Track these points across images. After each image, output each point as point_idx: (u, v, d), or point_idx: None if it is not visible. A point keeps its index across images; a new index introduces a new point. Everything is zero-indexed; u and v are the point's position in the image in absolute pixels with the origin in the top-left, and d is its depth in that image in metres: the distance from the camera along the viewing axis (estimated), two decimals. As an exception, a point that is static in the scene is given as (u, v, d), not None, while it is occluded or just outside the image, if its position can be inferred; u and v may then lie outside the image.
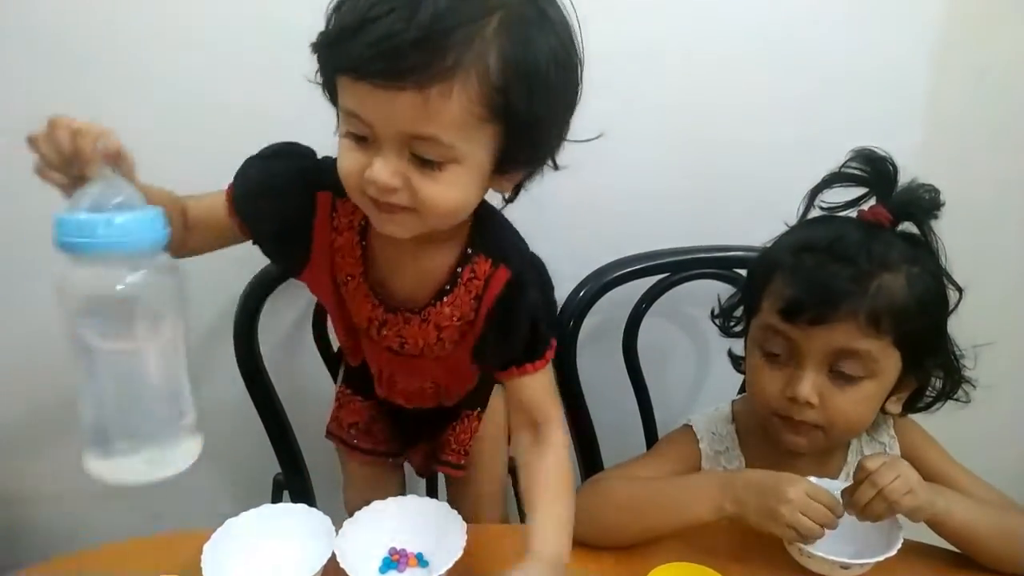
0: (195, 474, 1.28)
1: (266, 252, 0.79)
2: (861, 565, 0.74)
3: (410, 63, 0.56)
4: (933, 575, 0.80)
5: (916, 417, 0.89)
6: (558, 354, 1.07)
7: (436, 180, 0.63)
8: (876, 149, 0.80)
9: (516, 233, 0.79)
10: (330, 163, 0.69)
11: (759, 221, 1.05)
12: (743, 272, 1.08)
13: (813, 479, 0.79)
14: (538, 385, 0.79)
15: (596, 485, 0.86)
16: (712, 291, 1.10)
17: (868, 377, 0.77)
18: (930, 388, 0.84)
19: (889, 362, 0.77)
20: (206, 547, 0.76)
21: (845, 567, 0.74)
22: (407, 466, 1.09)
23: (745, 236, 1.08)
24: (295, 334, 1.18)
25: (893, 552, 0.73)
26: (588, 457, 1.16)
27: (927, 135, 1.10)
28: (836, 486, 0.81)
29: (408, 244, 0.71)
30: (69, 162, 0.55)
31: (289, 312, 1.17)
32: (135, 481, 0.53)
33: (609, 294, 1.08)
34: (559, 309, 1.07)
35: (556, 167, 0.72)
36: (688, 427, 0.93)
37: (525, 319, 0.75)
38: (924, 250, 0.79)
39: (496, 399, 1.02)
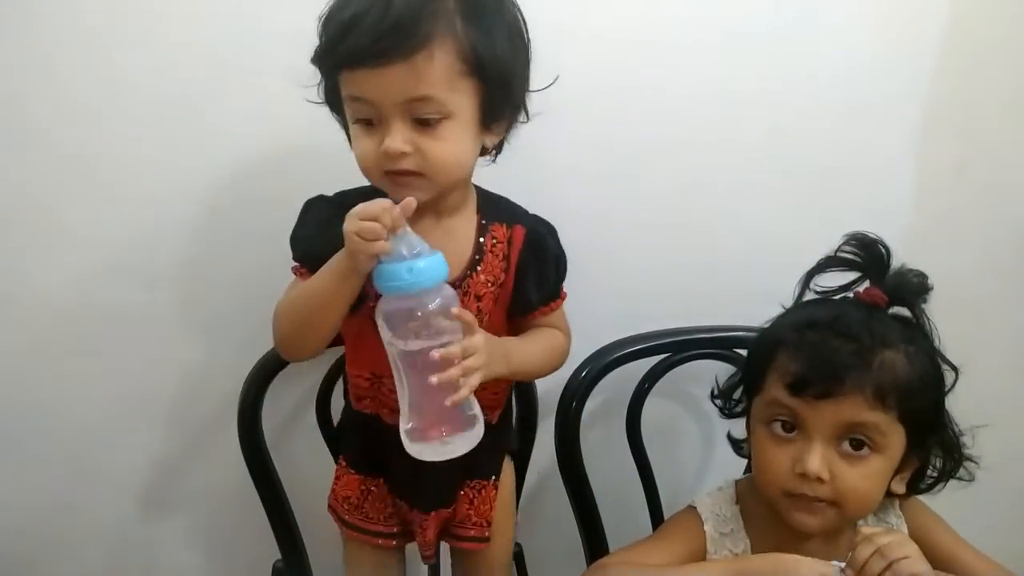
0: (194, 558, 1.28)
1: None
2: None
3: (394, 42, 0.70)
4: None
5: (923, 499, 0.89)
6: (562, 433, 1.08)
7: (437, 137, 0.75)
8: (868, 233, 0.83)
9: (516, 203, 0.92)
10: (349, 190, 0.83)
11: (756, 304, 1.08)
12: (743, 352, 1.09)
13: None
14: (559, 316, 0.93)
15: (599, 572, 0.85)
16: (713, 371, 1.11)
17: (876, 452, 0.78)
18: (931, 467, 0.84)
19: (895, 438, 0.78)
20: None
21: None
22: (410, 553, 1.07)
23: (743, 318, 1.10)
24: (298, 417, 1.18)
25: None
26: (592, 538, 1.15)
27: (914, 222, 1.13)
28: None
29: (431, 224, 0.83)
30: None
31: (291, 397, 1.17)
32: (435, 457, 0.76)
33: (611, 374, 1.08)
34: (562, 388, 1.08)
35: (528, 118, 0.86)
36: (692, 508, 0.92)
37: (551, 261, 0.89)
38: (918, 331, 0.82)
39: (507, 466, 1.02)
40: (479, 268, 0.85)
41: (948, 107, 1.10)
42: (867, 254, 0.82)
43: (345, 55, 0.73)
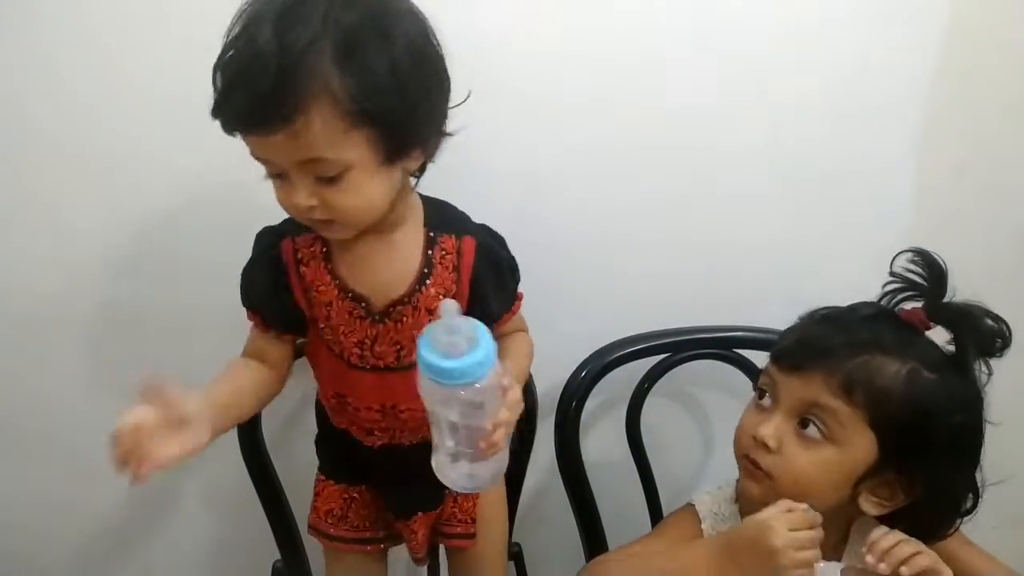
0: (194, 559, 1.28)
1: (280, 327, 0.87)
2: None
3: (270, 111, 0.66)
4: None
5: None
6: (561, 434, 1.08)
7: (340, 189, 0.72)
8: (933, 253, 0.80)
9: (455, 207, 0.89)
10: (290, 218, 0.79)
11: (756, 304, 1.09)
12: (744, 352, 1.09)
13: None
14: (518, 319, 0.93)
15: (594, 568, 0.85)
16: (713, 371, 1.12)
17: (831, 442, 0.76)
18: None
19: (857, 436, 0.76)
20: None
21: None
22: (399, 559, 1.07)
23: (743, 318, 1.10)
24: (297, 418, 1.18)
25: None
26: (592, 537, 1.15)
27: (913, 226, 1.13)
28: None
29: (373, 241, 0.81)
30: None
31: (291, 398, 1.17)
32: (462, 488, 0.78)
33: (611, 374, 1.09)
34: (562, 389, 1.09)
35: (447, 135, 0.81)
36: (691, 506, 0.92)
37: (506, 269, 0.88)
38: (951, 367, 0.77)
39: None
40: (429, 281, 0.83)
41: (948, 109, 1.10)
42: (931, 275, 0.80)
43: (230, 122, 0.70)
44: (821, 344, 0.78)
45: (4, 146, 1.04)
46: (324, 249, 0.83)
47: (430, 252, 0.83)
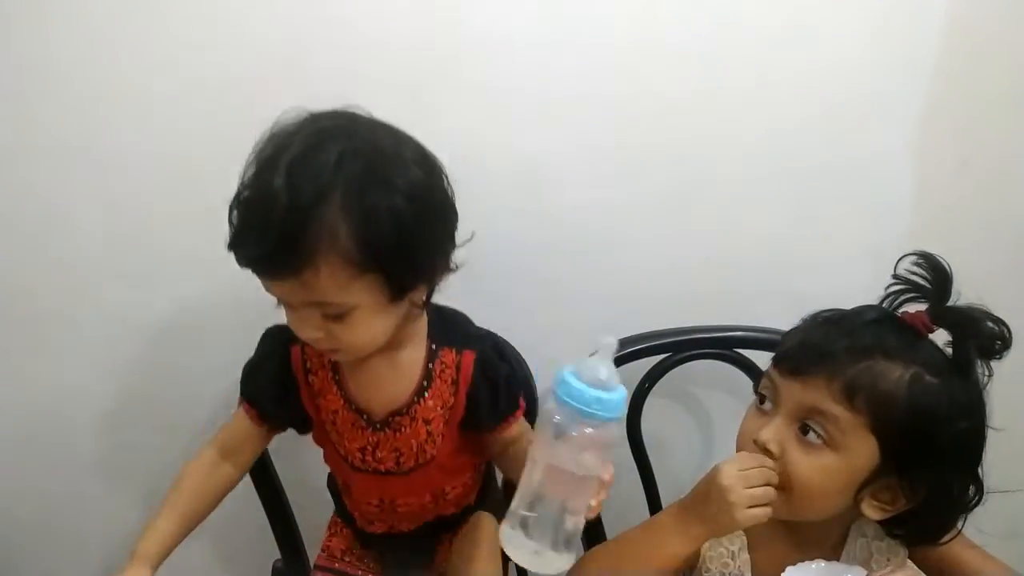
0: (194, 556, 1.28)
1: (277, 424, 0.91)
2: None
3: (280, 261, 0.70)
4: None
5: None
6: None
7: (347, 325, 0.75)
8: (937, 256, 0.80)
9: (467, 319, 0.92)
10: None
11: (756, 304, 1.08)
12: (744, 352, 1.09)
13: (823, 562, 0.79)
14: (519, 426, 0.90)
15: (584, 559, 0.85)
16: (714, 371, 1.12)
17: (832, 448, 0.76)
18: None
19: (859, 442, 0.75)
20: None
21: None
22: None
23: (744, 318, 1.10)
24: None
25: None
26: (593, 536, 1.14)
27: (913, 223, 1.13)
28: (851, 571, 0.81)
29: (379, 360, 0.83)
30: None
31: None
32: (520, 559, 0.71)
33: (611, 374, 1.09)
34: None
35: (454, 269, 0.83)
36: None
37: (502, 383, 0.87)
38: (959, 374, 0.77)
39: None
40: (427, 394, 0.86)
41: (949, 105, 1.10)
42: (935, 278, 0.79)
43: (243, 262, 0.73)
44: (823, 348, 0.77)
45: (5, 145, 1.04)
46: (331, 360, 0.87)
47: (431, 365, 0.86)
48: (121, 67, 1.02)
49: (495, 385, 0.87)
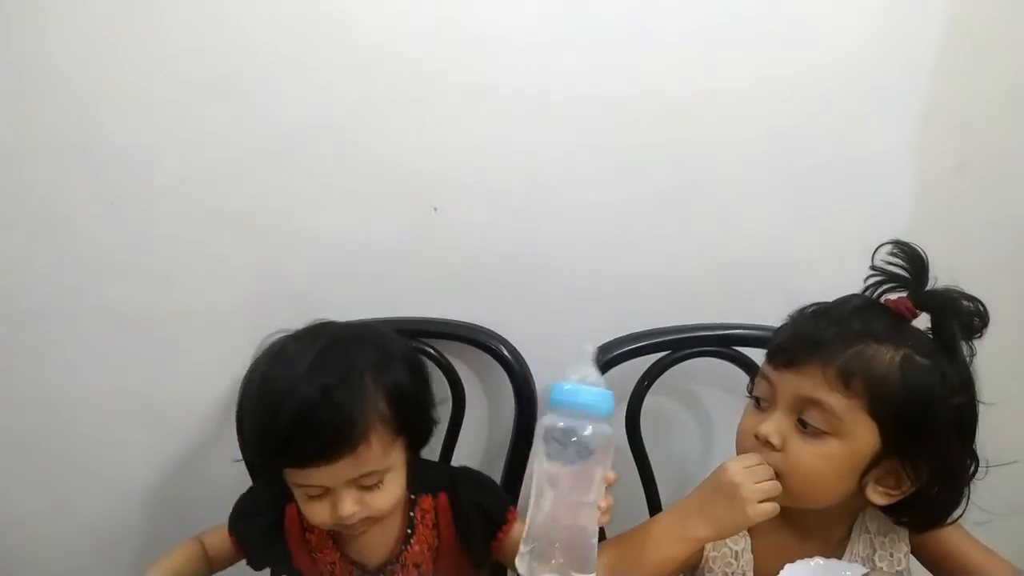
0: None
1: (255, 563, 0.98)
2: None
3: (339, 444, 0.78)
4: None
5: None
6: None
7: (381, 491, 0.84)
8: (913, 245, 0.81)
9: (431, 462, 1.00)
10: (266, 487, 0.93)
11: (756, 301, 1.08)
12: (744, 350, 1.09)
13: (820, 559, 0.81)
14: (517, 531, 0.91)
15: None
16: (714, 369, 1.12)
17: (832, 435, 0.77)
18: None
19: (858, 427, 0.77)
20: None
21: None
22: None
23: (743, 315, 1.10)
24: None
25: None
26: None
27: (912, 221, 1.13)
28: (848, 568, 0.81)
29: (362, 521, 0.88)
30: None
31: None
32: None
33: (610, 372, 1.08)
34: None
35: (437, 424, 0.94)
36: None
37: (476, 511, 0.93)
38: (941, 352, 0.79)
39: None
40: (412, 540, 0.94)
41: (947, 104, 1.10)
42: (912, 267, 0.81)
43: (294, 462, 0.80)
44: (815, 337, 0.79)
45: (6, 143, 1.04)
46: None
47: (412, 513, 0.94)
48: (120, 67, 1.02)
49: (477, 509, 0.93)
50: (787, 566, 0.80)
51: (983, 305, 0.80)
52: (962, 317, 0.79)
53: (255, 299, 1.11)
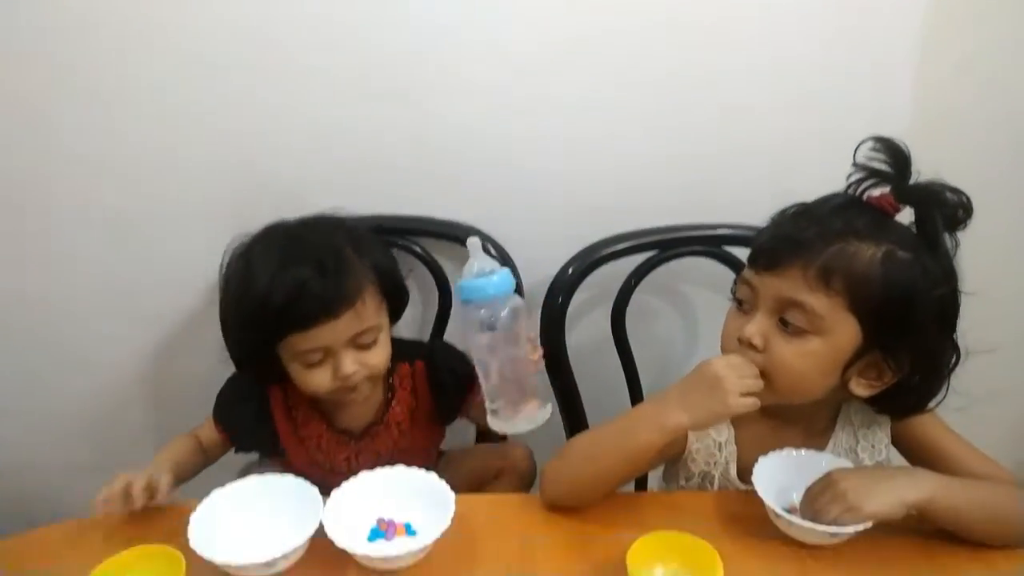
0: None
1: (242, 446, 1.04)
2: (849, 532, 0.74)
3: (340, 304, 0.88)
4: (917, 537, 0.80)
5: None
6: (547, 331, 1.08)
7: (374, 350, 0.93)
8: (894, 139, 0.79)
9: (401, 338, 1.05)
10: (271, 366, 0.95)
11: (748, 200, 1.06)
12: (732, 250, 1.08)
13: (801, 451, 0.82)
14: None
15: (561, 449, 0.87)
16: (701, 269, 1.11)
17: (814, 333, 0.78)
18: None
19: (840, 324, 0.77)
20: (192, 517, 0.76)
21: (835, 535, 0.75)
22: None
23: (734, 215, 1.09)
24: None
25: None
26: (576, 425, 1.17)
27: (914, 124, 1.09)
28: (824, 458, 0.83)
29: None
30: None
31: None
32: (520, 430, 0.88)
33: (598, 271, 1.08)
34: (548, 286, 1.09)
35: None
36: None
37: (452, 376, 1.03)
38: (923, 245, 0.78)
39: None
40: (393, 403, 1.03)
41: (948, 4, 1.06)
42: (895, 161, 0.79)
43: (298, 324, 0.87)
44: (795, 239, 0.78)
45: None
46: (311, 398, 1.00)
47: (391, 379, 1.03)
48: (130, 70, 1.01)
49: (450, 373, 1.03)
50: (762, 457, 0.82)
51: (967, 197, 0.78)
52: (945, 209, 0.78)
53: (233, 196, 1.09)
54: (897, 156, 0.79)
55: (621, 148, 1.10)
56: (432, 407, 1.05)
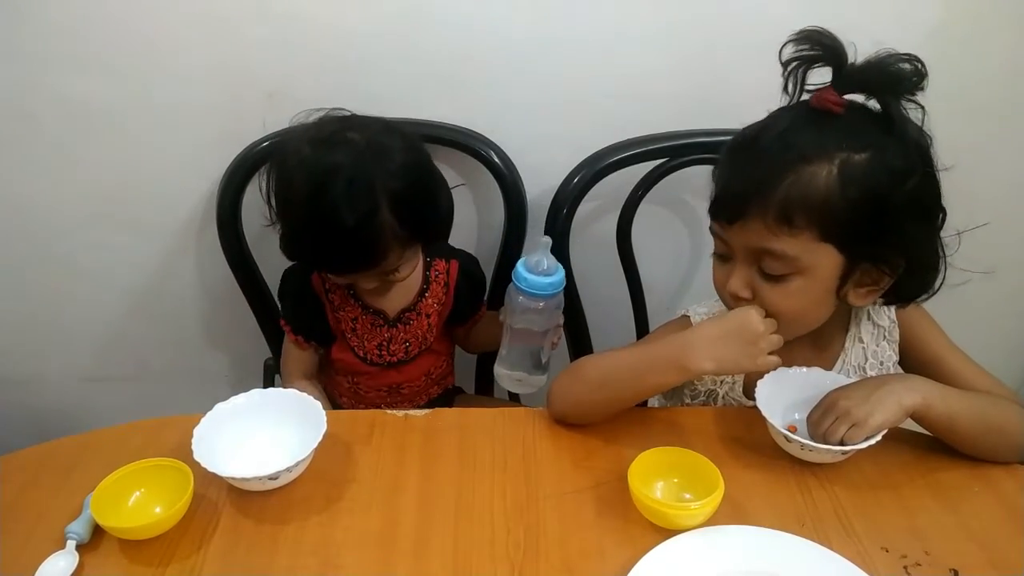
0: (187, 358, 1.31)
1: (315, 340, 1.08)
2: (862, 447, 0.74)
3: (362, 260, 0.92)
4: (917, 449, 0.82)
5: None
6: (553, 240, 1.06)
7: (404, 284, 1.01)
8: (814, 27, 0.74)
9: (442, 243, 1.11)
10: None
11: (760, 104, 1.02)
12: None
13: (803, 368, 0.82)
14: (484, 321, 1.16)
15: (573, 366, 0.87)
16: (710, 177, 1.08)
17: (795, 273, 0.76)
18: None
19: (818, 257, 0.75)
20: (196, 430, 0.76)
21: (846, 452, 0.75)
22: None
23: (747, 119, 1.04)
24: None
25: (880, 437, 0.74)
26: (578, 345, 1.17)
27: (941, 16, 1.03)
28: (827, 377, 0.82)
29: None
30: None
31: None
32: (514, 389, 0.99)
33: (604, 179, 1.05)
34: (553, 195, 1.06)
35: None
36: (686, 318, 0.93)
37: (479, 285, 1.13)
38: (888, 131, 0.72)
39: None
40: (427, 294, 1.07)
41: None
42: (823, 46, 0.73)
43: (331, 269, 0.96)
44: (743, 189, 0.75)
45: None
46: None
47: (427, 272, 1.07)
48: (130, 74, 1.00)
49: (475, 287, 1.12)
50: (767, 375, 0.81)
51: (921, 61, 0.71)
52: (898, 80, 0.71)
53: (229, 96, 1.05)
54: (824, 40, 0.73)
55: (626, 50, 1.05)
56: (452, 310, 1.10)
